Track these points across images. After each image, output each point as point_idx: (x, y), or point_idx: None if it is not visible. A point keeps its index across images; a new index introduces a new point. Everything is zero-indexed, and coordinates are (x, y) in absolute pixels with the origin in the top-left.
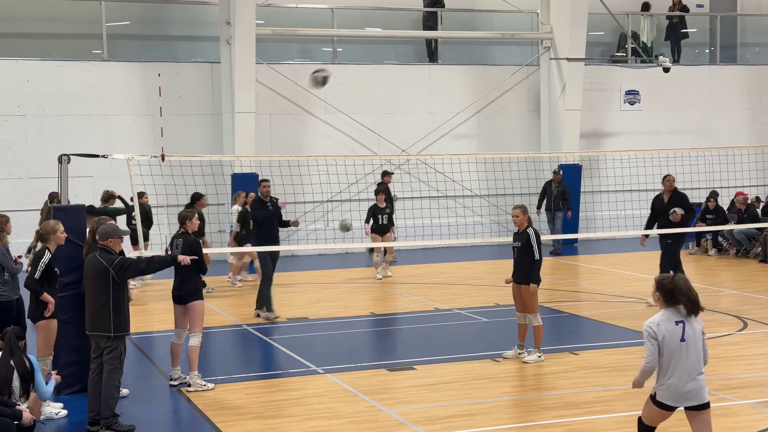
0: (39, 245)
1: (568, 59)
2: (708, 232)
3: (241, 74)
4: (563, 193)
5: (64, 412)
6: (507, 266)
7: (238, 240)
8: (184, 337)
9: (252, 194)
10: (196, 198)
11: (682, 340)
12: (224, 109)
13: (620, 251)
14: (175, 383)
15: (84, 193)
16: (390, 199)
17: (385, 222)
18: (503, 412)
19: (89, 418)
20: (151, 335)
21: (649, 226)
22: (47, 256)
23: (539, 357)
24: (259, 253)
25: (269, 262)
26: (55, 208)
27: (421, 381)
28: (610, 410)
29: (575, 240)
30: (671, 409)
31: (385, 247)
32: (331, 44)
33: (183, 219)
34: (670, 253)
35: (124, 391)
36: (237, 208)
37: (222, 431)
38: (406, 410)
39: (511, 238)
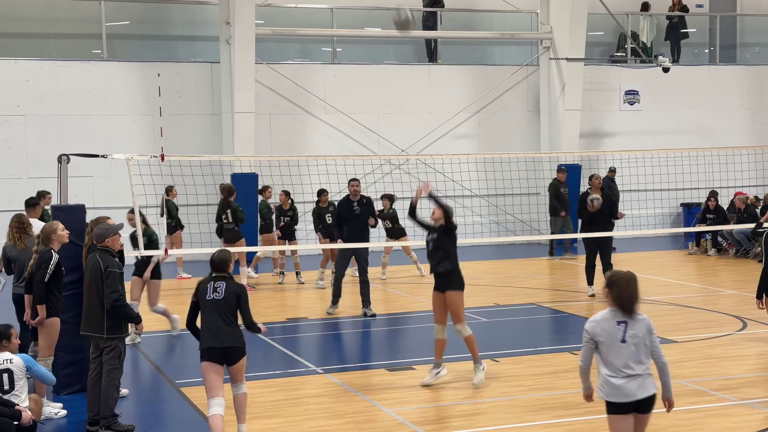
0: (42, 247)
1: (567, 59)
2: (708, 232)
3: (240, 74)
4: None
5: (64, 412)
6: (507, 266)
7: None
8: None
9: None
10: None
11: (623, 341)
12: (224, 109)
13: (619, 251)
14: None
15: (84, 193)
16: (613, 197)
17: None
18: (503, 412)
19: (89, 418)
20: (150, 335)
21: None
22: (55, 257)
23: (483, 369)
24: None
25: (343, 261)
26: (55, 208)
27: (421, 381)
28: None
29: (575, 240)
30: (624, 411)
31: (405, 248)
32: (330, 44)
33: (224, 263)
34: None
35: (124, 391)
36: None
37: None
38: (405, 410)
39: (511, 238)
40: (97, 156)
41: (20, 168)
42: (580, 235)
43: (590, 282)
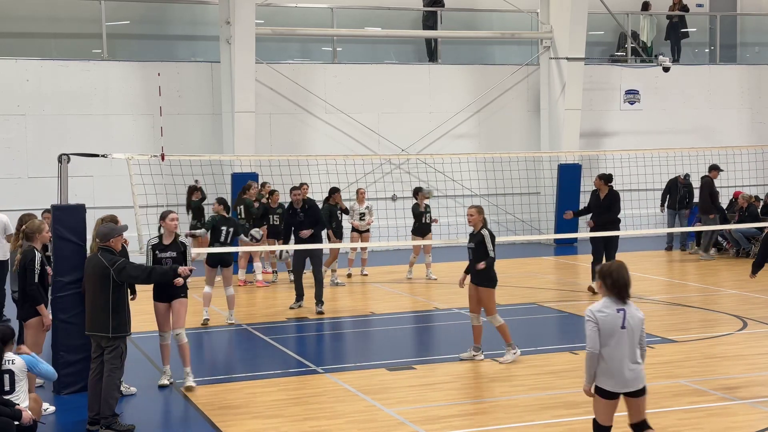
0: (25, 244)
1: (567, 59)
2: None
3: (240, 74)
4: (689, 193)
5: (52, 408)
6: (506, 266)
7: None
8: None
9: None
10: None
11: (623, 327)
12: (224, 109)
13: (620, 251)
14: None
15: (84, 193)
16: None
17: (427, 221)
18: (503, 412)
19: (89, 418)
20: (150, 335)
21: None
22: (38, 256)
23: (515, 354)
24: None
25: (299, 262)
26: (55, 208)
27: (421, 381)
28: None
29: (575, 240)
30: (614, 396)
31: (425, 247)
32: (330, 44)
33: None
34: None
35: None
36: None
37: (222, 431)
38: (405, 410)
39: (511, 238)
40: (97, 156)
41: (20, 168)
42: (581, 235)
43: (594, 279)
